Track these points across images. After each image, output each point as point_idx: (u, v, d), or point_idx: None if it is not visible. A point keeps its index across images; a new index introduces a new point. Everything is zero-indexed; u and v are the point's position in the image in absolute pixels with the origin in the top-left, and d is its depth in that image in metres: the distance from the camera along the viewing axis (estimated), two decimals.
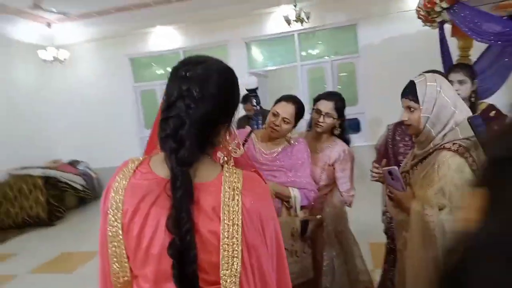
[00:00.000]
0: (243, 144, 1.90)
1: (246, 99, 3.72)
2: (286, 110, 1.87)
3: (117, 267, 0.87)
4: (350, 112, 6.35)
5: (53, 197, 5.96)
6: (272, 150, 1.95)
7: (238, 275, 0.81)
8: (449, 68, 2.57)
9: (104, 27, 6.95)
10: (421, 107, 1.35)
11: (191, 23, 6.90)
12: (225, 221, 0.81)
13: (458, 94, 2.44)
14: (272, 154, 1.93)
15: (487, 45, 3.56)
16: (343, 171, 2.06)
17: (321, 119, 2.03)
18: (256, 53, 7.21)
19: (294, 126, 1.93)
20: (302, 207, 1.92)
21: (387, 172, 1.42)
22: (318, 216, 2.01)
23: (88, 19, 6.81)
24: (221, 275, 0.81)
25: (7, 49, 6.78)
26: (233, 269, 0.81)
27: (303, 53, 6.88)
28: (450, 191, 1.27)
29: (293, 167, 1.91)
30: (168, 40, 7.18)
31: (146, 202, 0.83)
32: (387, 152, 2.12)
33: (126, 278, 0.88)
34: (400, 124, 2.07)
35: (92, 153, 7.28)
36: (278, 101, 1.93)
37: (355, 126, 6.59)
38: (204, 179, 0.85)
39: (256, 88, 3.66)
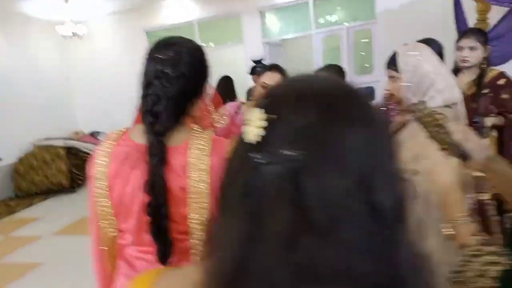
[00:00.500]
0: (234, 116, 1.97)
1: (254, 70, 3.72)
2: (273, 79, 1.93)
3: (106, 223, 0.99)
4: (365, 81, 6.35)
5: (75, 166, 6.35)
6: None
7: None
8: (460, 34, 2.48)
9: (120, 1, 6.98)
10: (402, 76, 1.35)
11: None
12: (191, 178, 0.94)
13: (466, 60, 2.39)
14: None
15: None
16: None
17: None
18: (271, 22, 7.10)
19: None
20: None
21: None
22: None
23: None
24: (190, 224, 0.95)
25: (26, 27, 6.97)
26: (202, 219, 0.95)
27: (318, 21, 6.73)
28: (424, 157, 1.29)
29: None
30: (182, 12, 7.15)
31: (126, 165, 0.97)
32: None
33: (114, 234, 1.02)
34: None
35: (111, 123, 7.49)
36: (262, 72, 1.97)
37: (370, 94, 6.49)
38: (175, 143, 0.98)
39: (261, 59, 3.65)
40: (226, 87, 3.65)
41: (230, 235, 0.42)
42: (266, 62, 7.13)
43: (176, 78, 0.96)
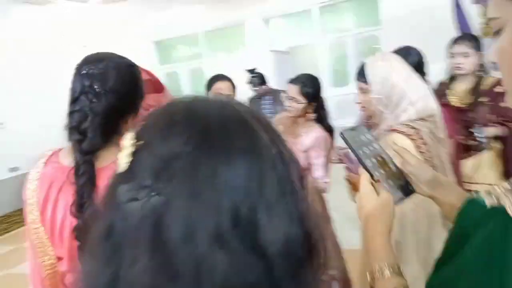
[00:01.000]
0: None
1: (249, 80, 3.71)
2: (226, 86, 2.09)
3: (41, 251, 0.95)
4: None
5: None
6: None
7: None
8: (453, 40, 2.40)
9: (127, 10, 7.09)
10: (371, 88, 1.30)
11: (210, 2, 6.87)
12: None
13: (460, 67, 2.29)
14: None
15: None
16: (317, 158, 2.03)
17: (287, 103, 2.04)
18: (276, 30, 7.08)
19: None
20: None
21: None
22: None
23: (111, 3, 6.96)
24: None
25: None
26: None
27: (324, 28, 6.67)
28: None
29: None
30: (188, 22, 7.21)
31: (53, 189, 0.92)
32: None
33: (51, 261, 0.96)
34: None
35: None
36: (211, 83, 2.14)
37: None
38: (103, 163, 0.93)
39: (254, 69, 3.62)
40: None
41: (91, 281, 0.38)
42: (272, 71, 7.17)
43: (104, 93, 0.92)
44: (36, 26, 6.82)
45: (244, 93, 5.04)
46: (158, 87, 1.41)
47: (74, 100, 0.93)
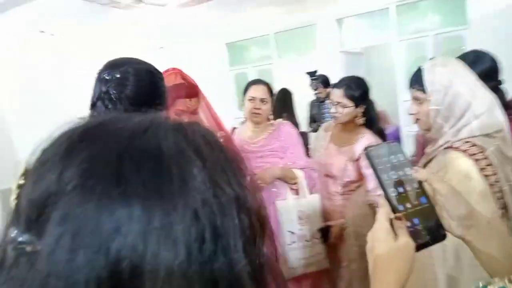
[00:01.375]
0: None
1: (310, 83, 3.57)
2: (259, 91, 1.93)
3: None
4: None
5: None
6: (258, 138, 1.97)
7: None
8: None
9: (201, 14, 7.34)
10: (429, 98, 1.13)
11: (280, 4, 6.82)
12: None
13: None
14: (259, 142, 1.95)
15: None
16: (369, 168, 1.84)
17: (333, 109, 1.91)
18: (349, 30, 6.80)
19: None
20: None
21: None
22: (341, 220, 1.86)
23: (188, 7, 7.27)
24: None
25: (120, 38, 7.75)
26: None
27: (401, 27, 6.23)
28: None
29: (285, 149, 1.91)
30: (260, 24, 7.25)
31: None
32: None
33: None
34: None
35: None
36: (247, 88, 1.98)
37: None
38: None
39: (315, 71, 3.46)
40: (283, 101, 3.55)
41: None
42: (345, 73, 6.90)
43: (119, 99, 0.92)
44: (120, 30, 7.39)
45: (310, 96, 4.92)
46: (192, 91, 1.38)
47: (92, 106, 0.94)
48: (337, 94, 1.89)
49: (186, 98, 1.37)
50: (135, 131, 0.34)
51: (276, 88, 6.69)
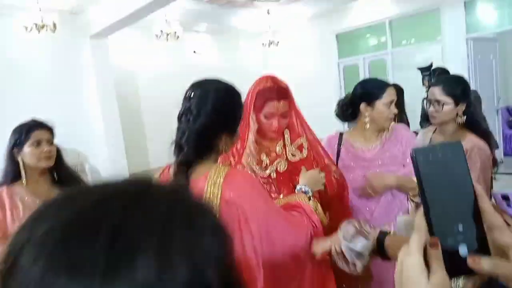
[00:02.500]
0: (339, 149, 1.81)
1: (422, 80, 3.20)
2: (394, 94, 1.73)
3: None
4: None
5: None
6: (373, 144, 1.77)
7: None
8: None
9: (312, 7, 7.29)
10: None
11: None
12: None
13: None
14: (375, 148, 1.76)
15: None
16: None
17: (431, 108, 1.73)
18: (480, 13, 5.99)
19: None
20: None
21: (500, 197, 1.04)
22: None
23: (298, 1, 7.30)
24: None
25: (236, 37, 8.18)
26: None
27: None
28: None
29: (407, 155, 1.69)
30: (374, 10, 6.88)
31: None
32: None
33: None
34: None
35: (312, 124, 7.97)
36: (384, 90, 1.69)
37: None
38: (196, 176, 1.03)
39: (430, 66, 3.09)
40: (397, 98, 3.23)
41: None
42: (471, 61, 6.12)
43: (198, 115, 1.03)
44: (236, 29, 7.82)
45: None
46: (281, 94, 1.40)
47: (178, 120, 1.09)
48: (435, 92, 1.73)
49: (275, 101, 1.40)
50: (85, 206, 0.34)
51: (389, 81, 6.31)
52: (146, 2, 4.49)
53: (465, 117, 1.71)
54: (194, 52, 7.60)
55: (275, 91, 1.40)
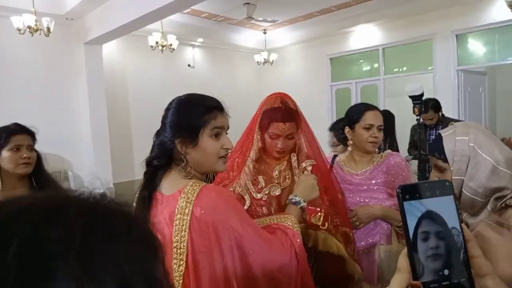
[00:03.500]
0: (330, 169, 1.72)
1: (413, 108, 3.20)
2: (377, 117, 1.70)
3: None
4: None
5: None
6: (363, 169, 1.74)
7: (181, 275, 0.94)
8: None
9: (309, 30, 7.40)
10: (451, 168, 0.98)
11: (393, 18, 6.51)
12: (176, 227, 0.95)
13: None
14: (364, 173, 1.72)
15: None
16: None
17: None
18: (470, 47, 6.15)
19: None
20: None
21: None
22: None
23: (295, 23, 7.41)
24: (172, 275, 0.95)
25: (232, 54, 8.23)
26: (179, 270, 0.94)
27: None
28: None
29: (394, 184, 1.63)
30: (368, 38, 7.02)
31: None
32: None
33: None
34: None
35: None
36: (360, 114, 1.68)
37: None
38: (170, 191, 1.01)
39: (421, 95, 3.10)
40: (384, 124, 3.20)
41: None
42: (461, 92, 6.24)
43: (163, 127, 1.07)
44: (233, 47, 7.89)
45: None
46: (288, 116, 1.37)
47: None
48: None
49: (280, 122, 1.37)
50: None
51: (380, 107, 6.40)
52: (143, 14, 4.48)
53: None
54: (189, 65, 7.60)
55: (282, 112, 1.38)
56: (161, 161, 1.05)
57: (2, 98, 5.09)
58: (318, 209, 1.38)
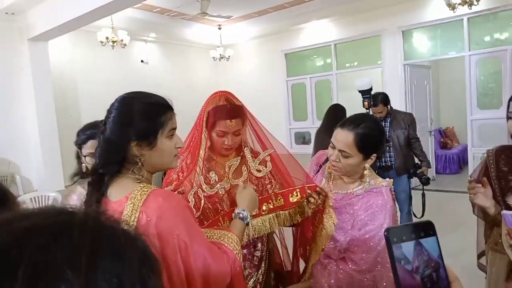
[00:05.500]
0: (321, 166, 1.63)
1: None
2: (345, 138, 1.37)
3: None
4: None
5: None
6: (346, 190, 1.48)
7: None
8: None
9: (263, 26, 7.45)
10: None
11: (345, 15, 6.72)
12: None
13: None
14: (347, 196, 1.46)
15: None
16: None
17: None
18: (415, 42, 6.49)
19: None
20: None
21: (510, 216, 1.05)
22: None
23: (250, 19, 7.43)
24: None
25: (186, 49, 8.11)
26: None
27: (474, 40, 5.81)
28: None
29: (359, 222, 1.39)
30: (321, 33, 7.20)
31: None
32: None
33: None
34: (504, 149, 1.55)
35: None
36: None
37: None
38: (116, 197, 0.97)
39: (370, 89, 3.25)
40: (334, 117, 3.34)
41: None
42: (408, 85, 6.58)
43: (104, 127, 1.02)
44: (186, 42, 7.78)
45: None
46: (234, 113, 1.41)
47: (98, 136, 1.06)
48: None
49: (226, 120, 1.40)
50: (3, 243, 0.33)
51: (333, 101, 6.64)
52: (92, 8, 4.30)
53: None
54: (142, 61, 7.39)
55: (227, 109, 1.40)
56: (110, 168, 0.99)
57: None
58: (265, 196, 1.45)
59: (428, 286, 0.50)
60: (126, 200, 0.95)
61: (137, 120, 1.00)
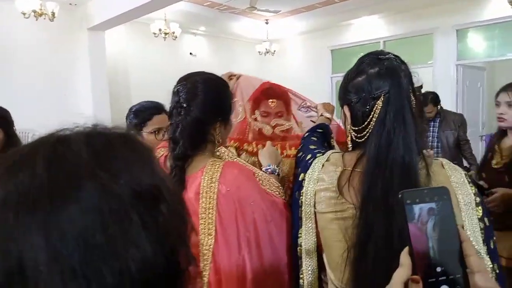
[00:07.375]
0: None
1: None
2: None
3: None
4: None
5: None
6: None
7: (211, 250, 0.97)
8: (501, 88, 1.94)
9: (310, 21, 7.42)
10: None
11: (396, 12, 6.54)
12: (203, 205, 0.98)
13: (503, 119, 1.84)
14: None
15: None
16: None
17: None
18: (470, 42, 6.19)
19: None
20: None
21: None
22: None
23: (297, 14, 7.41)
24: (200, 251, 0.96)
25: (233, 43, 8.25)
26: (207, 245, 0.97)
27: None
28: None
29: None
30: (370, 30, 7.05)
31: None
32: None
33: None
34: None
35: None
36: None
37: None
38: (192, 171, 1.03)
39: (420, 87, 3.16)
40: None
41: None
42: (460, 86, 6.29)
43: (189, 108, 1.04)
44: (234, 36, 7.89)
45: None
46: (273, 93, 1.49)
47: (170, 115, 1.08)
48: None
49: (268, 100, 1.48)
50: (22, 149, 0.38)
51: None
52: (146, 1, 4.51)
53: None
54: (191, 53, 7.62)
55: (266, 91, 1.51)
56: (198, 146, 1.06)
57: (5, 82, 5.12)
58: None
59: (438, 245, 0.52)
60: (202, 173, 1.02)
61: (225, 101, 1.11)
